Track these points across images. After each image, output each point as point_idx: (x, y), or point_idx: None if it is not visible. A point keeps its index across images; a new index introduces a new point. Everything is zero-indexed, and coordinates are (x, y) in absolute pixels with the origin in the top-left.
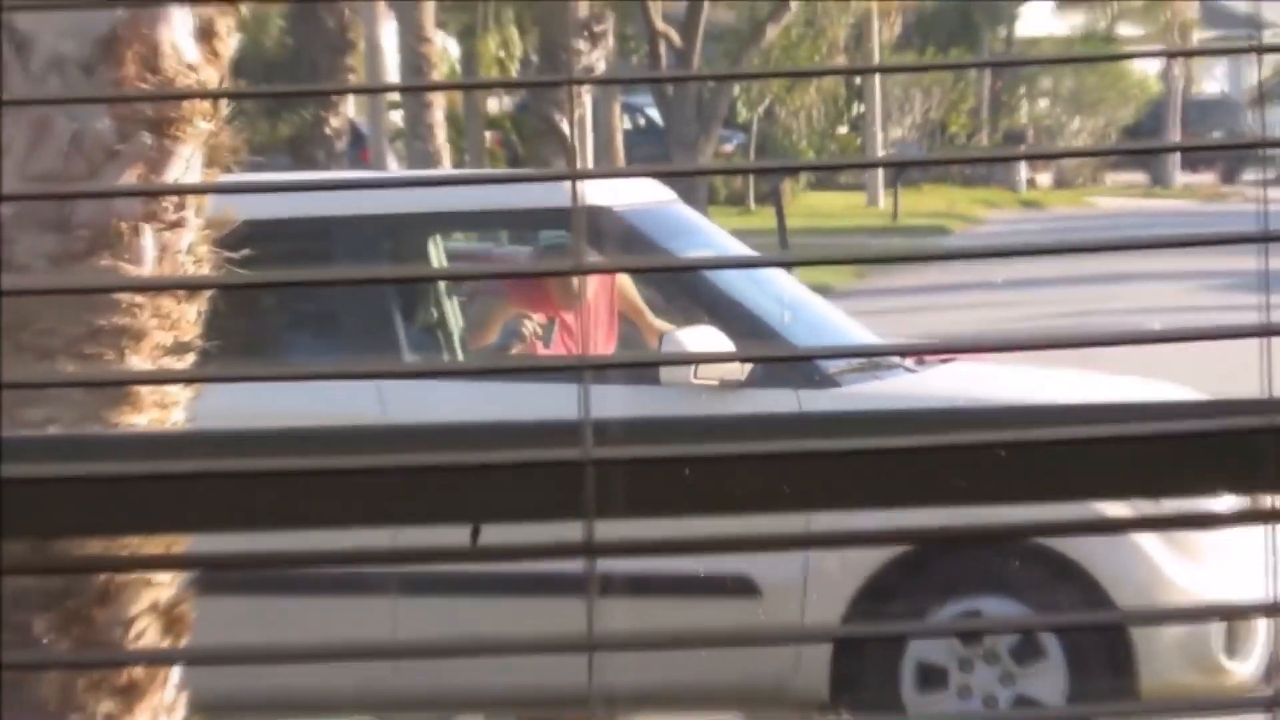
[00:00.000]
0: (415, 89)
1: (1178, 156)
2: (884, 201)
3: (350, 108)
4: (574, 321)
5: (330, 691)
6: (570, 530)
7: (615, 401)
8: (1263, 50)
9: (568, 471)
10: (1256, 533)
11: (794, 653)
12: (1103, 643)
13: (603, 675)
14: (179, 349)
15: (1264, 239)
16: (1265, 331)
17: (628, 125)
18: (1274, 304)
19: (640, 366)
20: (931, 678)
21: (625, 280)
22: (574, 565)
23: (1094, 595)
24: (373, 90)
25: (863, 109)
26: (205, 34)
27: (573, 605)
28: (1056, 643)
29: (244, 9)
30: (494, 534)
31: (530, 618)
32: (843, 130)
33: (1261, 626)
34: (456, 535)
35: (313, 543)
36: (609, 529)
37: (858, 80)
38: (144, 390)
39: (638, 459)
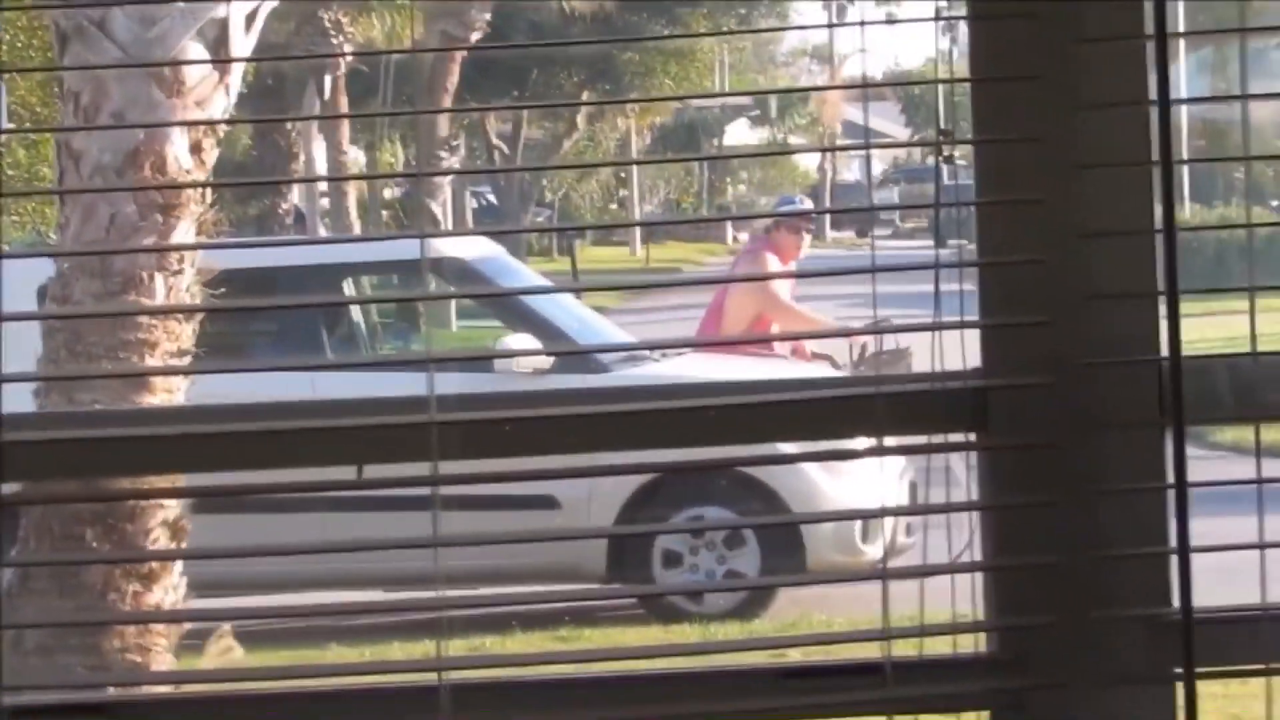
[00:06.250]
0: (337, 179)
1: (828, 219)
2: (640, 252)
3: (295, 196)
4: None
5: (281, 575)
6: (424, 468)
7: (459, 382)
8: (875, 148)
9: (420, 429)
10: (876, 460)
11: (583, 543)
12: (782, 534)
13: (445, 562)
14: (180, 353)
15: (873, 270)
16: (874, 329)
17: (474, 204)
18: (881, 315)
19: (480, 359)
20: (671, 559)
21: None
22: (425, 490)
23: (775, 503)
24: (309, 180)
25: (625, 192)
26: (196, 148)
27: (425, 517)
28: (753, 534)
29: (220, 130)
30: (371, 471)
31: (399, 527)
32: (614, 207)
33: (886, 522)
34: (349, 471)
35: (264, 479)
36: (452, 466)
37: (623, 172)
38: (156, 380)
39: (470, 420)
